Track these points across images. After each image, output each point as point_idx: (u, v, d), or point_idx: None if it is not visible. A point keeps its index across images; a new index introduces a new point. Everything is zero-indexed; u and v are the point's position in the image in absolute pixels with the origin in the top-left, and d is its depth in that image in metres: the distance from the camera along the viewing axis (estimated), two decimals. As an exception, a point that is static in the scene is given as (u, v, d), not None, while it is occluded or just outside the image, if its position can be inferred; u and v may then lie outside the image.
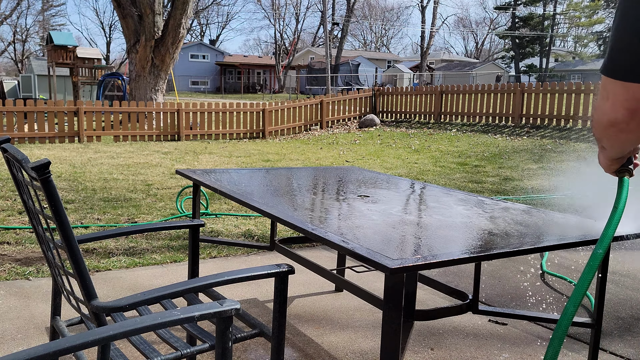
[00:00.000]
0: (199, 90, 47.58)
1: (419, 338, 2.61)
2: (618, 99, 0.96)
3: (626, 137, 1.01)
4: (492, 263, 3.81)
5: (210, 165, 8.07)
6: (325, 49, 26.65)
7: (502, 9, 51.10)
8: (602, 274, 1.93)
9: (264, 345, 2.47)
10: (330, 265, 3.59)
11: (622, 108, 0.95)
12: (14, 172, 1.57)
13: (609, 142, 1.07)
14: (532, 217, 2.06)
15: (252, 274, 1.58)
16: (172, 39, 12.67)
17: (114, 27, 63.00)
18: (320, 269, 2.42)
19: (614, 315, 2.96)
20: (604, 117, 1.00)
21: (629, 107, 0.95)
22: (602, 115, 1.00)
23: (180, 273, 3.42)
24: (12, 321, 2.66)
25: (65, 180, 6.37)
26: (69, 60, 20.32)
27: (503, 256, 1.53)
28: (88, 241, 1.95)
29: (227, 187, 2.33)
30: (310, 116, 14.04)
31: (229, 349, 1.32)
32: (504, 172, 7.80)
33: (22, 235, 4.11)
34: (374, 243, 1.58)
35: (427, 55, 48.87)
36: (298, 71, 47.58)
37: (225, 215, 4.91)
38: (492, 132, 12.60)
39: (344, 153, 9.93)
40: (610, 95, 0.97)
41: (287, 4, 65.80)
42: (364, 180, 2.77)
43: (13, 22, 53.57)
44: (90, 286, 1.41)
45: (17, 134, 10.18)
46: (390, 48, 78.85)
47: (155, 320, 1.20)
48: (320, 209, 2.07)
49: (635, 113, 0.95)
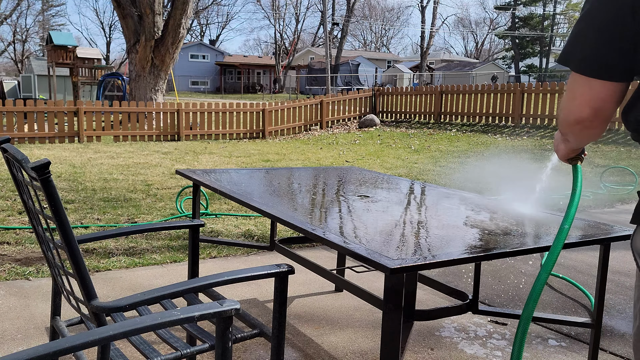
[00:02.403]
0: (199, 91, 47.57)
1: (419, 338, 2.61)
2: (584, 99, 1.07)
3: (590, 132, 1.13)
4: (492, 263, 3.81)
5: (210, 165, 8.07)
6: (325, 49, 26.65)
7: (502, 9, 51.11)
8: (602, 274, 1.93)
9: (264, 345, 2.47)
10: (330, 265, 3.59)
11: (587, 107, 1.07)
12: (14, 172, 1.57)
13: (574, 136, 1.19)
14: (532, 217, 2.06)
15: (252, 274, 1.57)
16: (172, 39, 12.67)
17: (114, 27, 63.01)
18: (320, 269, 2.42)
19: (614, 315, 2.96)
20: (571, 115, 1.11)
21: (594, 106, 1.06)
22: (569, 114, 1.12)
23: (180, 273, 3.42)
24: (12, 321, 2.65)
25: (65, 180, 6.36)
26: (69, 60, 20.32)
27: (503, 256, 1.53)
28: (88, 241, 1.95)
29: (227, 187, 2.33)
30: (310, 116, 14.04)
31: (229, 349, 1.32)
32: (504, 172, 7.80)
33: (22, 235, 4.10)
34: (374, 243, 1.58)
35: (427, 55, 48.87)
36: (298, 71, 47.58)
37: (225, 215, 4.91)
38: (492, 132, 12.60)
39: (344, 153, 9.93)
40: (577, 96, 1.09)
41: (287, 4, 65.81)
42: (364, 180, 2.77)
43: (13, 22, 53.56)
44: (90, 286, 1.41)
45: (17, 134, 10.18)
46: (390, 48, 78.91)
47: (155, 320, 1.20)
48: (320, 209, 2.07)
49: (598, 111, 1.07)
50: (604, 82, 1.05)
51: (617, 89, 1.06)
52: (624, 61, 1.03)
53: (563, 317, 2.13)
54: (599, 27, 1.03)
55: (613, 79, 1.05)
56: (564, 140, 1.30)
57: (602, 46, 1.03)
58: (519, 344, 1.34)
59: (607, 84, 1.05)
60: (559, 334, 2.71)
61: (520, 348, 1.34)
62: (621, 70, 1.04)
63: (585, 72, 1.07)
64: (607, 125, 1.13)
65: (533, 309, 1.34)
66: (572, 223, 1.33)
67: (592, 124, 1.10)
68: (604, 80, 1.05)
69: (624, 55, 1.02)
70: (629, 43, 1.01)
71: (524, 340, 1.34)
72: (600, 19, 1.03)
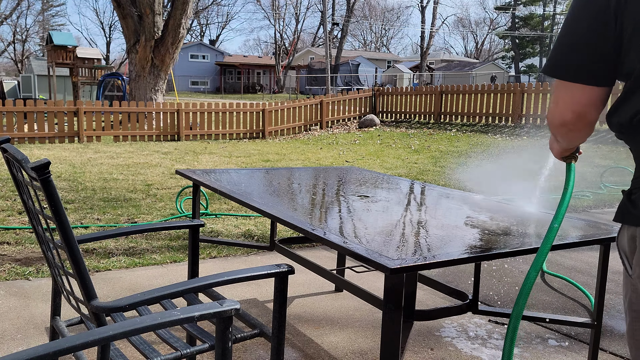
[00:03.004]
0: (199, 91, 47.56)
1: (419, 338, 2.61)
2: (566, 104, 1.10)
3: (575, 134, 1.16)
4: (492, 263, 3.81)
5: (210, 165, 8.07)
6: (325, 49, 26.65)
7: (502, 9, 51.14)
8: (602, 274, 1.93)
9: (264, 345, 2.47)
10: (330, 265, 3.59)
11: (569, 111, 1.10)
12: (14, 172, 1.57)
13: (561, 138, 1.23)
14: (532, 216, 2.06)
15: (252, 274, 1.58)
16: (172, 39, 12.67)
17: (114, 27, 62.98)
18: (320, 269, 2.42)
19: (614, 315, 2.96)
20: (555, 119, 1.15)
21: (575, 110, 1.10)
22: (553, 118, 1.15)
23: (180, 273, 3.42)
24: (12, 321, 2.65)
25: (65, 180, 6.36)
26: (69, 60, 20.32)
27: (503, 256, 1.53)
28: (88, 241, 1.95)
29: (227, 187, 2.33)
30: (310, 116, 14.04)
31: (228, 349, 1.32)
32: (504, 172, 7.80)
33: (22, 235, 4.10)
34: (374, 243, 1.58)
35: (427, 55, 48.87)
36: (298, 71, 47.57)
37: (225, 215, 4.91)
38: (492, 132, 12.60)
39: (344, 153, 9.93)
40: (559, 101, 1.12)
41: (287, 4, 65.79)
42: (364, 180, 2.77)
43: (13, 22, 53.55)
44: (90, 286, 1.41)
45: (17, 134, 10.18)
46: (390, 48, 78.89)
47: (155, 320, 1.20)
48: (320, 209, 2.07)
49: (581, 115, 1.10)
50: (584, 87, 1.06)
51: (598, 94, 1.07)
52: (604, 66, 1.04)
53: (563, 317, 2.13)
54: (580, 32, 1.05)
55: (592, 84, 1.06)
56: (556, 141, 1.32)
57: (583, 51, 1.05)
58: (509, 342, 1.36)
59: (587, 89, 1.06)
60: (559, 334, 2.71)
61: (511, 346, 1.36)
62: (601, 75, 1.05)
63: (565, 77, 1.08)
64: (593, 127, 1.14)
65: (523, 306, 1.36)
66: (561, 222, 1.35)
67: (575, 127, 1.12)
68: (584, 85, 1.06)
69: (604, 60, 1.03)
70: (610, 48, 1.02)
71: (514, 339, 1.36)
72: (580, 25, 1.05)
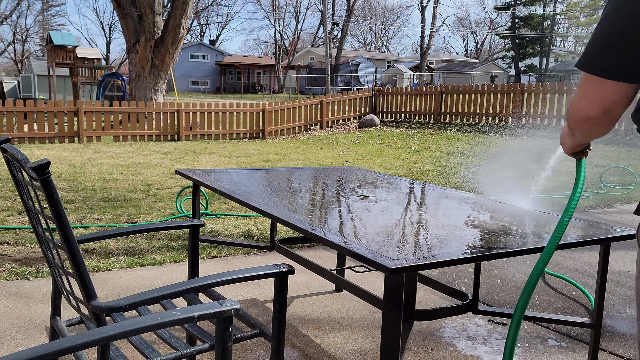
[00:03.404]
0: (199, 91, 47.55)
1: (419, 338, 2.61)
2: (595, 98, 1.10)
3: (596, 129, 1.17)
4: (492, 263, 3.81)
5: (210, 165, 8.07)
6: (325, 49, 26.65)
7: (502, 9, 51.11)
8: (602, 274, 1.93)
9: (264, 345, 2.47)
10: (330, 266, 3.59)
11: (597, 106, 1.10)
12: (14, 172, 1.57)
13: (581, 132, 1.23)
14: (532, 216, 2.06)
15: (252, 274, 1.57)
16: (172, 39, 12.66)
17: (114, 27, 63.01)
18: (320, 269, 2.42)
19: (614, 315, 2.96)
20: (580, 113, 1.15)
21: (604, 105, 1.09)
22: (577, 112, 1.15)
23: (180, 273, 3.42)
24: (12, 321, 2.65)
25: (65, 180, 6.36)
26: (69, 60, 20.32)
27: (503, 256, 1.53)
28: (88, 241, 1.95)
29: (227, 187, 2.33)
30: (310, 116, 14.04)
31: (228, 349, 1.32)
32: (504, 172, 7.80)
33: (22, 235, 4.10)
34: (374, 243, 1.58)
35: (427, 55, 48.86)
36: (298, 71, 47.56)
37: (225, 215, 4.91)
38: (492, 132, 12.59)
39: (344, 153, 9.93)
40: (587, 95, 1.11)
41: (287, 4, 65.80)
42: (364, 180, 2.77)
43: (13, 22, 53.59)
44: (90, 286, 1.41)
45: (17, 134, 10.18)
46: (390, 48, 78.89)
47: (155, 320, 1.20)
48: (320, 209, 2.06)
49: (607, 111, 1.10)
50: (616, 83, 1.07)
51: (628, 91, 1.08)
52: (638, 64, 1.05)
53: (563, 317, 2.13)
54: (616, 30, 1.06)
55: (625, 81, 1.07)
56: (571, 135, 1.32)
57: (618, 49, 1.05)
58: (513, 332, 1.36)
59: (618, 85, 1.07)
60: (559, 334, 2.71)
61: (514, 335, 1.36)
62: (635, 73, 1.06)
63: (599, 74, 1.09)
64: (615, 123, 1.15)
65: (529, 298, 1.36)
66: (572, 216, 1.36)
67: (600, 122, 1.13)
68: (616, 82, 1.07)
69: (638, 58, 1.04)
70: None
71: (518, 328, 1.37)
72: (617, 23, 1.06)
